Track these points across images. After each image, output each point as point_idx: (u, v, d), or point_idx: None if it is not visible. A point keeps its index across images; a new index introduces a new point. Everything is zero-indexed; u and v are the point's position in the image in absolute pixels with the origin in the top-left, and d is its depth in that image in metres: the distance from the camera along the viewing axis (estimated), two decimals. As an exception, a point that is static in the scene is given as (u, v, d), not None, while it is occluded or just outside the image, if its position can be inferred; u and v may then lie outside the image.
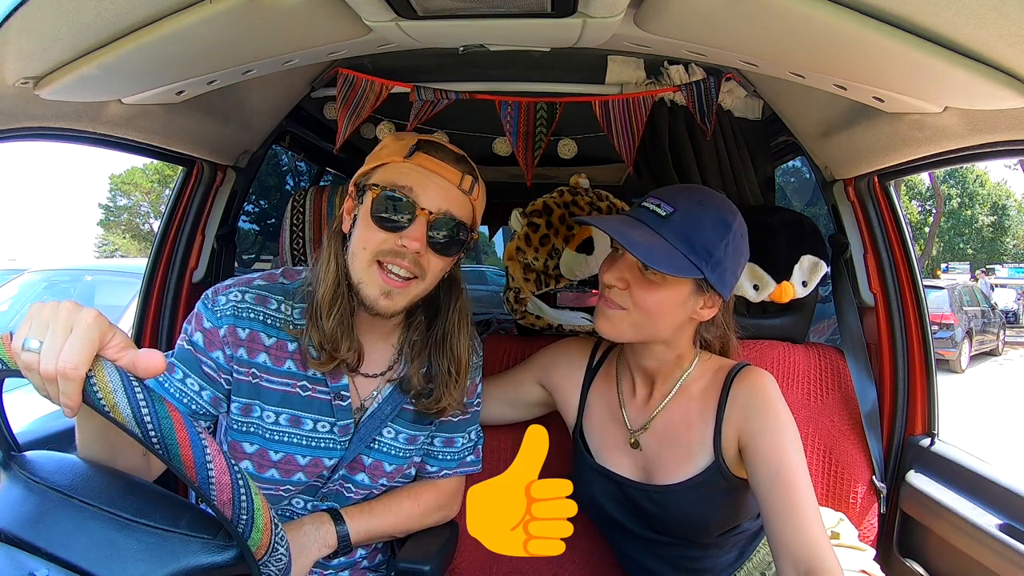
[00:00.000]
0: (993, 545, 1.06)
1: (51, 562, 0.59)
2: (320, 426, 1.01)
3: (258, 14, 0.82)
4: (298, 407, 0.99)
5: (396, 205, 0.92)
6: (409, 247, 0.92)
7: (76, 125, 1.04)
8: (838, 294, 1.47)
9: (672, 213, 0.95)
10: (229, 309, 0.97)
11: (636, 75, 1.47)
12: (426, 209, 0.93)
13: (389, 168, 0.96)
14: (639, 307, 0.97)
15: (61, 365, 0.57)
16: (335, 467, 1.03)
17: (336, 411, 1.01)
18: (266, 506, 0.62)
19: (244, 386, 0.98)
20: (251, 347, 0.97)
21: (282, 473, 0.99)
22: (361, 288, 0.94)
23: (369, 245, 0.93)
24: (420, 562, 1.05)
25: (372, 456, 1.06)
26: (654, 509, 1.05)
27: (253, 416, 0.98)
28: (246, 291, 0.99)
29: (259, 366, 0.98)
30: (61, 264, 5.64)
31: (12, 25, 0.72)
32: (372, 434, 1.04)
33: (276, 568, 0.63)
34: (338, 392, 1.01)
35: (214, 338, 0.97)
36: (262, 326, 0.98)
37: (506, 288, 1.50)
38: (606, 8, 0.87)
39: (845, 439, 1.37)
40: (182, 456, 0.58)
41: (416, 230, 0.92)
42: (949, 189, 23.84)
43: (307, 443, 1.00)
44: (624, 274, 0.97)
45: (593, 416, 1.16)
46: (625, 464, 1.10)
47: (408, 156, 0.95)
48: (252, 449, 0.98)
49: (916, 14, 0.69)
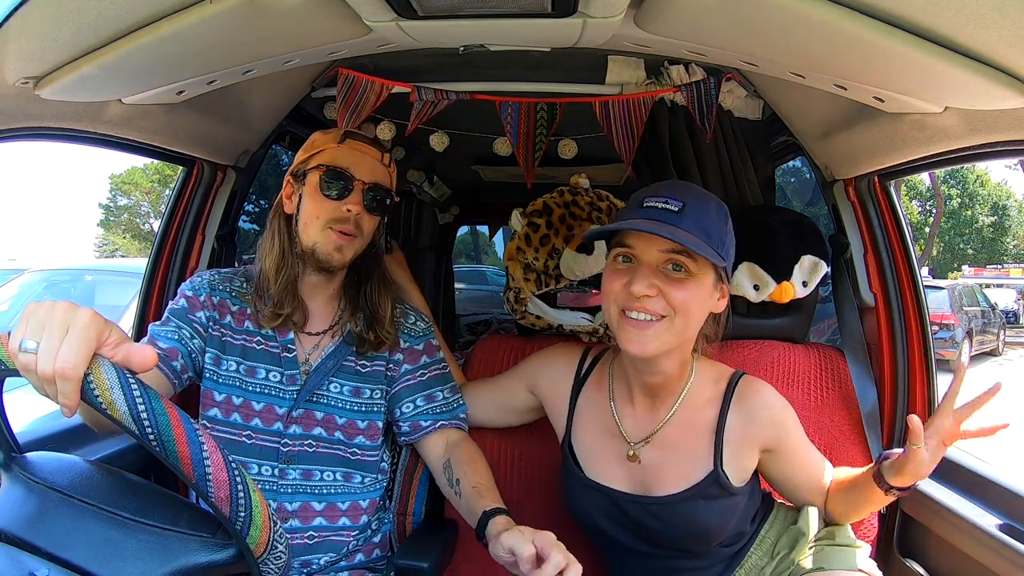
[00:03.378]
0: (993, 545, 1.06)
1: (51, 562, 0.59)
2: (272, 375, 1.17)
3: (258, 14, 0.83)
4: (253, 359, 1.17)
5: (338, 178, 1.14)
6: (352, 210, 1.13)
7: (76, 125, 1.04)
8: (838, 294, 1.47)
9: (683, 207, 0.94)
10: (205, 284, 1.20)
11: (636, 75, 1.47)
12: (361, 180, 1.14)
13: (326, 153, 1.16)
14: (677, 308, 0.94)
15: (59, 365, 0.57)
16: (287, 418, 1.15)
17: (284, 362, 1.18)
18: (264, 503, 0.62)
19: (215, 340, 1.17)
20: (221, 311, 1.19)
21: (242, 417, 1.15)
22: (316, 248, 1.13)
23: (321, 214, 1.13)
24: (419, 560, 1.06)
25: (322, 410, 1.18)
26: (652, 522, 1.04)
27: (221, 368, 1.16)
28: (215, 274, 1.24)
29: (225, 325, 1.19)
30: (61, 264, 5.64)
31: (12, 25, 0.73)
32: (317, 387, 1.18)
33: (275, 566, 0.63)
34: (285, 345, 1.18)
35: (196, 303, 1.18)
36: (229, 296, 1.21)
37: (506, 288, 1.50)
38: (606, 8, 0.87)
39: (845, 439, 1.37)
40: (179, 453, 0.58)
41: (355, 197, 1.14)
42: (949, 189, 23.82)
43: (261, 390, 1.16)
44: (652, 279, 0.93)
45: (583, 428, 1.13)
46: (620, 477, 1.08)
47: (341, 142, 1.17)
48: (220, 397, 1.15)
49: (916, 14, 0.69)
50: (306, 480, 1.15)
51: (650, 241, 0.94)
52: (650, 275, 0.93)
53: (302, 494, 1.15)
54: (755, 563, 1.11)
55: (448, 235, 3.67)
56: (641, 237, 0.95)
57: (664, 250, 0.93)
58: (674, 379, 1.05)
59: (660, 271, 0.94)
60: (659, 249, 0.94)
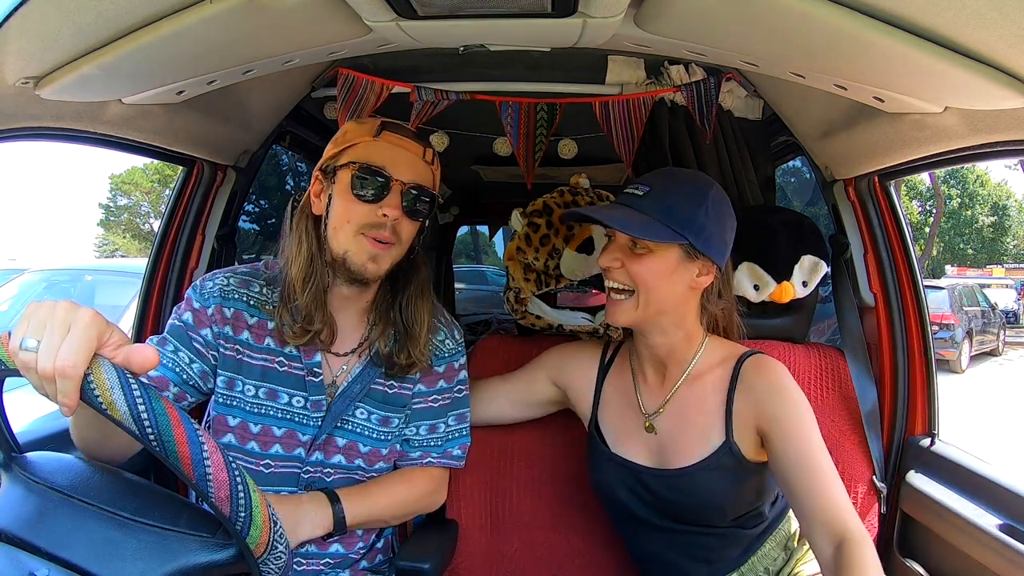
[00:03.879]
0: (993, 545, 1.06)
1: (51, 562, 0.59)
2: (295, 400, 1.07)
3: (258, 14, 0.83)
4: (275, 381, 1.06)
5: (373, 179, 1.01)
6: (390, 215, 1.01)
7: (76, 125, 1.04)
8: (838, 294, 1.47)
9: (648, 192, 1.05)
10: (216, 292, 1.06)
11: (636, 75, 1.47)
12: (399, 180, 1.01)
13: (360, 148, 1.03)
14: (636, 280, 1.05)
15: (59, 364, 0.57)
16: (310, 445, 1.06)
17: (309, 386, 1.07)
18: (264, 503, 0.62)
19: (229, 360, 1.05)
20: (236, 325, 1.06)
21: (261, 445, 1.05)
22: (348, 257, 1.01)
23: (353, 218, 1.01)
24: (420, 561, 1.06)
25: (345, 436, 1.09)
26: (669, 494, 1.09)
27: (236, 390, 1.04)
28: (231, 276, 1.08)
29: (242, 342, 1.06)
30: (61, 264, 5.64)
31: (12, 25, 0.73)
32: (343, 412, 1.09)
33: (275, 566, 0.63)
34: (311, 368, 1.07)
35: (203, 317, 1.05)
36: (245, 306, 1.07)
37: (506, 288, 1.50)
38: (606, 8, 0.87)
39: (845, 439, 1.37)
40: (179, 453, 0.58)
41: (393, 199, 1.01)
42: (949, 189, 23.81)
43: (283, 415, 1.06)
44: (616, 254, 1.06)
45: (608, 408, 1.20)
46: (641, 451, 1.14)
47: (377, 135, 1.04)
48: (235, 422, 1.04)
49: (916, 14, 0.69)
50: None
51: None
52: (615, 250, 1.06)
53: None
54: (767, 552, 1.14)
55: (448, 235, 3.67)
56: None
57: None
58: (680, 350, 1.12)
59: (625, 247, 1.06)
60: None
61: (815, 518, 0.96)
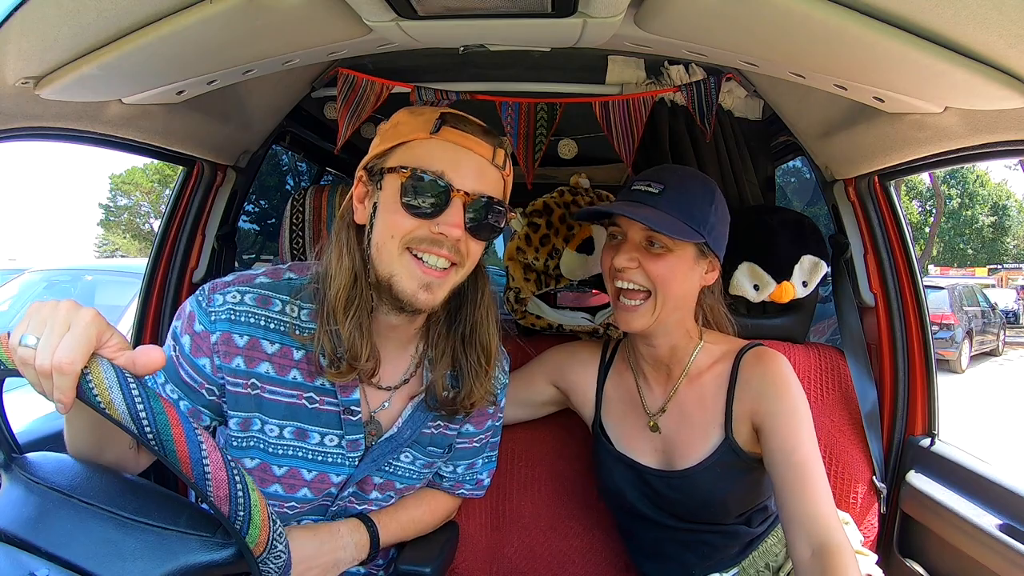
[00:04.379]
0: (993, 545, 1.06)
1: (51, 562, 0.59)
2: (328, 440, 0.92)
3: (258, 14, 0.82)
4: (304, 420, 0.90)
5: (429, 188, 0.82)
6: (450, 235, 0.83)
7: (76, 125, 1.04)
8: (838, 294, 1.47)
9: (663, 189, 1.03)
10: (225, 313, 0.87)
11: (636, 75, 1.47)
12: (462, 191, 0.83)
13: (413, 147, 0.85)
14: (655, 280, 1.02)
15: (56, 360, 0.57)
16: (343, 485, 0.96)
17: (345, 425, 0.92)
18: (263, 502, 0.62)
19: (242, 399, 0.88)
20: (250, 355, 0.88)
21: (286, 488, 0.91)
22: (394, 282, 0.84)
23: (398, 232, 0.83)
24: (421, 564, 1.05)
25: (384, 477, 0.99)
26: (674, 494, 1.09)
27: (253, 430, 0.89)
28: (246, 291, 0.89)
29: (260, 376, 0.88)
30: (61, 264, 5.63)
31: (12, 25, 0.73)
32: (387, 457, 0.97)
33: (275, 565, 0.63)
34: (348, 406, 0.92)
35: (203, 343, 0.87)
36: (263, 331, 0.88)
37: (506, 288, 1.50)
38: (606, 8, 0.87)
39: (845, 439, 1.37)
40: (178, 452, 0.58)
41: (454, 215, 0.83)
42: (949, 189, 23.82)
43: (313, 457, 0.92)
44: (633, 254, 1.03)
45: (611, 407, 1.20)
46: (645, 451, 1.14)
47: (435, 132, 0.85)
48: (253, 464, 0.90)
49: (916, 14, 0.69)
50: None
51: (632, 221, 1.03)
52: (632, 250, 1.04)
53: None
54: (769, 547, 1.14)
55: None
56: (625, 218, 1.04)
57: (643, 228, 1.03)
58: (679, 349, 1.12)
59: (641, 247, 1.04)
60: (641, 227, 1.03)
61: (795, 518, 0.93)
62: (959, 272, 18.88)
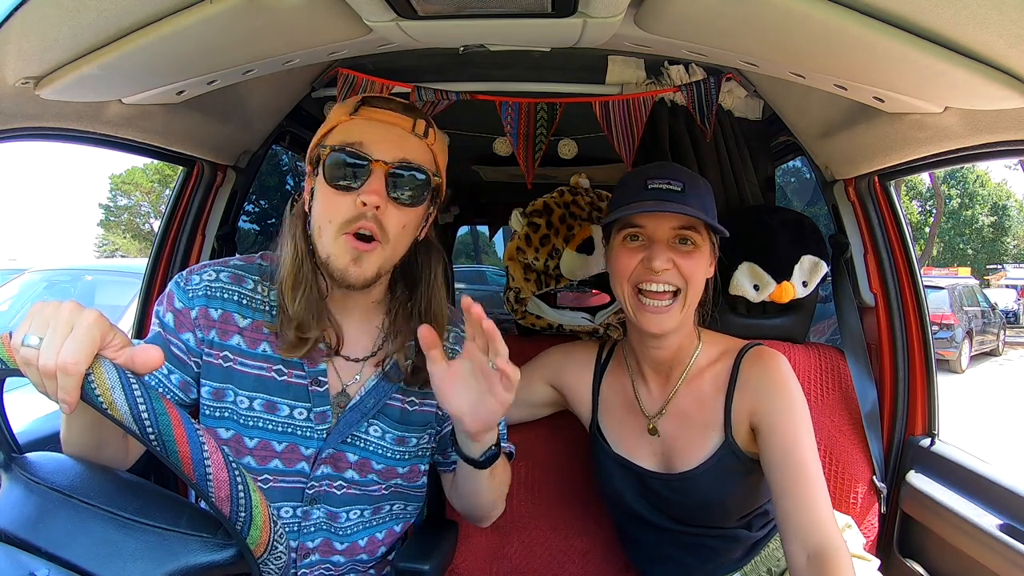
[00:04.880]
0: (993, 545, 1.06)
1: (51, 562, 0.59)
2: (297, 412, 0.96)
3: (258, 14, 0.82)
4: (273, 392, 0.94)
5: (349, 161, 0.88)
6: (369, 202, 0.87)
7: (76, 125, 1.04)
8: (838, 294, 1.47)
9: (683, 187, 1.03)
10: (202, 289, 0.94)
11: (636, 75, 1.47)
12: (380, 160, 0.88)
13: (338, 130, 0.92)
14: (689, 278, 1.02)
15: (60, 361, 0.58)
16: (315, 460, 0.97)
17: (313, 397, 0.96)
18: (265, 503, 0.62)
19: (215, 370, 0.93)
20: (224, 328, 0.94)
21: (258, 460, 0.94)
22: (330, 262, 0.89)
23: (335, 216, 0.89)
24: (420, 562, 1.05)
25: (357, 453, 0.99)
26: (674, 497, 1.08)
27: (226, 401, 0.93)
28: (221, 270, 0.96)
29: (232, 348, 0.94)
30: (61, 264, 5.64)
31: (12, 25, 0.73)
32: (352, 428, 0.98)
33: (276, 566, 0.63)
34: (315, 377, 0.96)
35: (184, 319, 0.93)
36: (236, 306, 0.95)
37: (506, 288, 1.50)
38: (606, 8, 0.87)
39: (845, 439, 1.37)
40: (179, 453, 0.58)
41: (373, 183, 0.88)
42: (949, 189, 23.81)
43: (283, 429, 0.95)
44: (668, 254, 1.01)
45: (608, 409, 1.19)
46: (644, 453, 1.13)
47: (354, 112, 0.92)
48: (228, 435, 0.93)
49: (916, 14, 0.69)
50: (331, 521, 1.00)
51: (660, 219, 1.02)
52: (666, 250, 1.01)
53: (325, 532, 1.00)
54: (771, 552, 1.14)
55: (448, 235, 3.67)
56: (651, 216, 1.02)
57: (674, 227, 1.02)
58: (683, 350, 1.11)
59: (672, 245, 1.02)
60: (670, 226, 1.02)
61: (792, 522, 0.91)
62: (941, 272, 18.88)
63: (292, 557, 0.98)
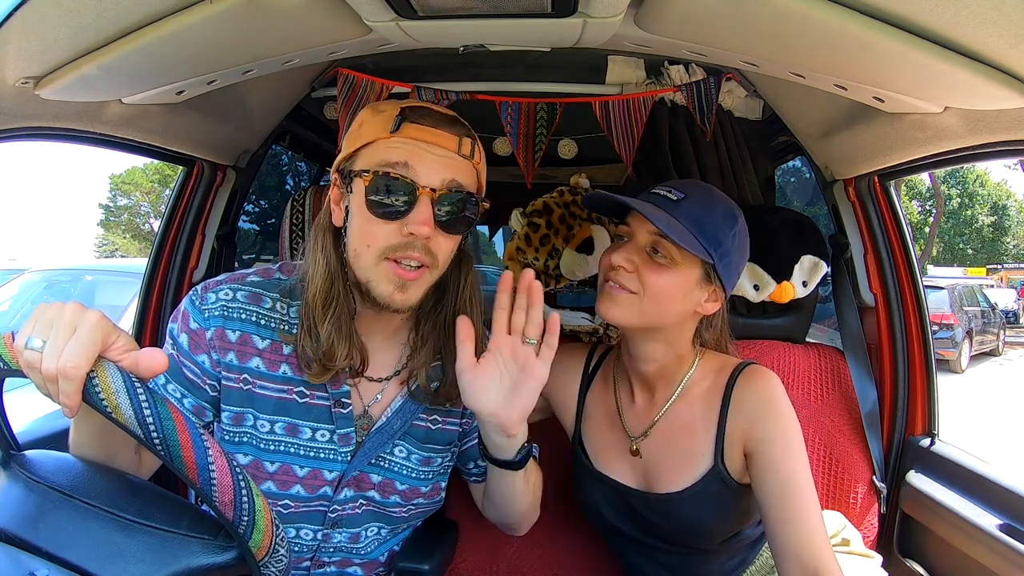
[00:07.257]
0: (993, 545, 1.06)
1: (51, 562, 0.59)
2: (319, 435, 0.92)
3: (258, 14, 0.82)
4: (295, 415, 0.91)
5: (392, 188, 0.82)
6: (419, 234, 0.82)
7: (76, 125, 1.04)
8: (838, 294, 1.47)
9: (683, 198, 0.96)
10: (218, 309, 0.89)
11: (636, 75, 1.47)
12: (427, 187, 0.83)
13: (376, 147, 0.85)
14: (648, 290, 0.96)
15: (62, 364, 0.57)
16: (338, 483, 0.94)
17: (336, 419, 0.93)
18: (267, 508, 0.62)
19: (234, 393, 0.90)
20: (242, 351, 0.90)
21: (279, 485, 0.91)
22: (371, 287, 0.85)
23: (374, 242, 0.84)
24: (420, 562, 1.05)
25: (381, 474, 0.97)
26: (655, 517, 1.04)
27: (246, 425, 0.90)
28: (238, 288, 0.91)
29: (251, 371, 0.90)
30: (61, 264, 5.64)
31: (12, 25, 0.73)
32: (378, 450, 0.96)
33: (276, 569, 0.63)
34: (338, 399, 0.93)
35: (200, 340, 0.89)
36: (255, 327, 0.90)
37: (506, 288, 1.50)
38: (606, 8, 0.87)
39: (845, 439, 1.37)
40: (184, 457, 0.58)
41: (421, 212, 0.82)
42: (949, 189, 23.83)
43: (305, 453, 0.92)
44: (632, 256, 0.96)
45: (592, 423, 1.14)
46: (625, 471, 1.08)
47: (395, 130, 0.84)
48: (246, 460, 0.90)
49: (916, 14, 0.69)
50: (353, 543, 0.98)
51: (643, 222, 0.97)
52: (633, 252, 0.97)
53: (345, 553, 0.99)
54: (764, 562, 1.11)
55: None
56: (636, 218, 0.98)
57: (652, 232, 0.96)
58: (670, 370, 1.05)
59: (645, 252, 0.97)
60: (648, 231, 0.97)
61: (789, 550, 0.89)
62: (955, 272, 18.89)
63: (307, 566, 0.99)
